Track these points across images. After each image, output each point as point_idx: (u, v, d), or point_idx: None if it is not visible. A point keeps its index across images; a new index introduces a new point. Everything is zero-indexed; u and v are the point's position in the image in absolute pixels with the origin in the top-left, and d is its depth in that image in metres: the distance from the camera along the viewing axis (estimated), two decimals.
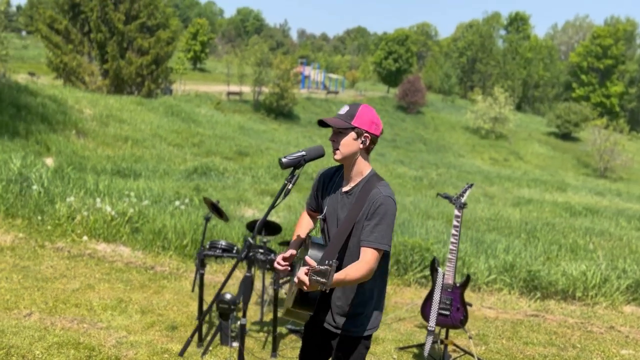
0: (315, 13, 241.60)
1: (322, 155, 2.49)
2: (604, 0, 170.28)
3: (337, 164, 2.53)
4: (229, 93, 41.56)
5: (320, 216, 2.61)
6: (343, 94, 52.40)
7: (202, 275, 4.23)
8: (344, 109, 2.45)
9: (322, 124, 2.43)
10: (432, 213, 12.97)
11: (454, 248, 3.93)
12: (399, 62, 60.68)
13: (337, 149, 2.43)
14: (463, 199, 3.96)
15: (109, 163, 16.47)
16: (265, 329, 4.69)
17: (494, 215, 13.68)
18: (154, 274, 5.96)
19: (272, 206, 2.45)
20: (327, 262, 2.03)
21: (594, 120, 53.54)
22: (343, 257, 2.42)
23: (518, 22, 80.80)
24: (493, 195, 19.72)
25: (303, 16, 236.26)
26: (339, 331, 2.46)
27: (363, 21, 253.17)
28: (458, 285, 4.06)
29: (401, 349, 4.47)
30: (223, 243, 4.19)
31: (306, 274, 2.03)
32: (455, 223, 3.91)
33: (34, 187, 7.58)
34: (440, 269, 3.98)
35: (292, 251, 2.54)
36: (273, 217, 8.72)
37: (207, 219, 4.27)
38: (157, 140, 21.98)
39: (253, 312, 5.01)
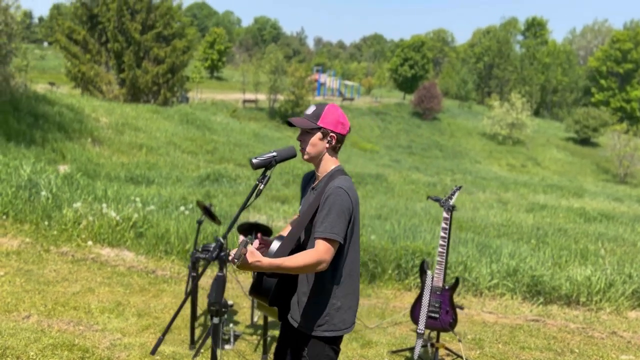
0: (331, 21, 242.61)
1: (293, 155, 2.52)
2: (623, 4, 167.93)
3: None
4: (244, 101, 41.90)
5: (296, 216, 2.66)
6: (359, 101, 52.45)
7: (194, 278, 4.28)
8: (311, 109, 2.50)
9: (290, 124, 2.47)
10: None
11: (443, 250, 3.91)
12: (414, 69, 60.55)
13: (305, 149, 2.48)
14: (451, 201, 3.95)
15: (123, 170, 16.72)
16: (259, 331, 4.72)
17: (505, 220, 13.55)
18: (155, 277, 6.04)
19: (243, 207, 2.48)
20: (241, 240, 2.11)
21: (613, 125, 52.72)
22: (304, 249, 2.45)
23: (535, 27, 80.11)
24: (507, 201, 19.51)
25: (320, 24, 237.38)
26: (297, 326, 2.48)
27: (380, 28, 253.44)
28: (447, 288, 4.04)
29: (393, 352, 4.46)
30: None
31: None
32: (443, 225, 3.89)
33: (43, 193, 7.73)
34: (429, 272, 3.96)
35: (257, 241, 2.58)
36: (281, 223, 8.76)
37: (200, 223, 4.32)
38: (171, 148, 22.24)
39: (245, 314, 5.05)
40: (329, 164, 2.50)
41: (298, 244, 2.52)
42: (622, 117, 64.75)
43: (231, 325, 4.34)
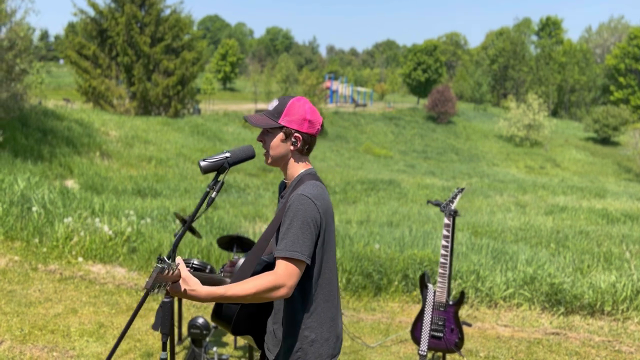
0: (343, 29, 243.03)
1: (250, 156, 2.13)
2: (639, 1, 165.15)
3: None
4: (256, 111, 41.79)
5: None
6: (372, 107, 52.04)
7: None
8: (273, 104, 2.08)
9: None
10: (457, 224, 12.40)
11: (445, 261, 3.48)
12: (428, 73, 60.02)
13: (266, 151, 2.08)
14: (453, 206, 3.52)
15: (131, 183, 16.51)
16: (247, 354, 4.32)
17: (523, 224, 12.99)
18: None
19: (193, 218, 2.10)
20: (155, 267, 1.72)
21: (634, 123, 51.49)
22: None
23: (550, 26, 79.06)
24: (525, 204, 18.89)
25: (332, 32, 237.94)
26: (272, 359, 2.07)
27: (392, 34, 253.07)
28: (452, 303, 3.60)
29: None
30: (195, 262, 3.86)
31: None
32: (445, 233, 3.46)
33: (34, 208, 7.46)
34: (430, 285, 3.53)
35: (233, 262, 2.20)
36: None
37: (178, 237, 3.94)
38: (180, 160, 22.05)
39: (228, 337, 4.65)
40: (296, 168, 2.08)
41: (266, 264, 2.12)
42: None
43: (215, 348, 3.95)
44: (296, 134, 2.03)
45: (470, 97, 65.59)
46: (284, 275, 1.86)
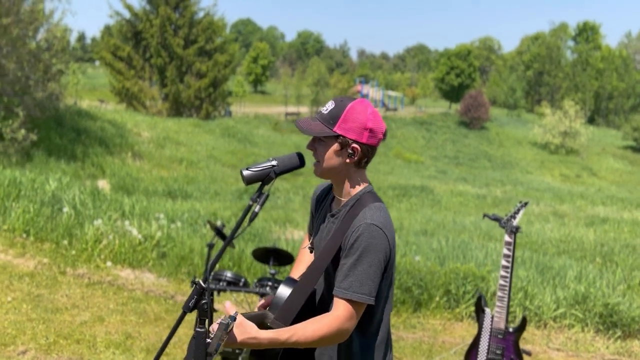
0: (374, 33, 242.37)
1: (299, 166, 1.84)
2: None
3: None
4: (286, 114, 41.74)
5: (308, 245, 1.98)
6: (402, 111, 51.50)
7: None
8: (328, 106, 1.78)
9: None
10: (494, 234, 11.93)
11: (505, 284, 3.13)
12: (461, 77, 59.12)
13: (318, 161, 1.79)
14: (515, 222, 3.16)
15: (161, 184, 16.49)
16: None
17: (564, 236, 12.43)
18: (174, 304, 5.46)
19: (233, 235, 1.81)
20: (228, 316, 1.52)
21: None
22: (322, 304, 1.77)
23: (587, 32, 77.08)
24: (564, 214, 18.20)
25: (363, 36, 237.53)
26: None
27: (423, 38, 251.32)
28: (512, 330, 3.24)
29: None
30: (229, 274, 3.60)
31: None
32: (505, 252, 3.11)
33: (65, 209, 7.34)
34: (488, 310, 3.18)
35: (268, 299, 1.92)
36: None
37: (211, 246, 3.69)
38: (211, 162, 22.02)
39: None
40: (352, 184, 1.78)
41: (313, 295, 1.84)
42: None
43: None
44: (354, 145, 1.72)
45: (503, 103, 64.35)
46: (345, 318, 1.60)
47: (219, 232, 3.64)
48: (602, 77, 68.70)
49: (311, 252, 1.97)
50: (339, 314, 1.60)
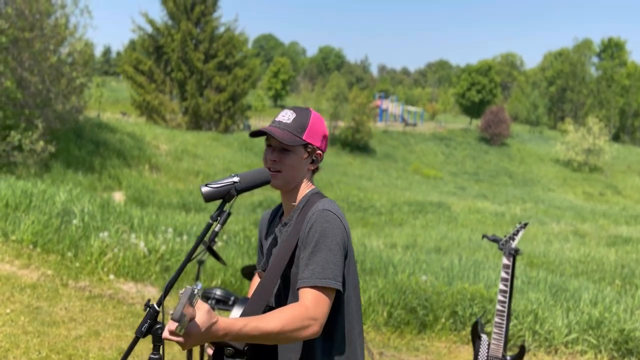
0: (395, 48, 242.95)
1: (266, 181, 1.74)
2: None
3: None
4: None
5: (260, 268, 1.89)
6: (422, 127, 51.22)
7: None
8: (288, 115, 1.75)
9: (257, 134, 1.73)
10: None
11: (503, 309, 2.97)
12: (482, 93, 58.70)
13: (279, 171, 1.72)
14: (514, 243, 3.01)
15: (177, 197, 16.56)
16: None
17: (583, 256, 12.09)
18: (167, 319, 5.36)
19: (189, 258, 1.71)
20: (183, 291, 1.37)
21: None
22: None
23: (612, 48, 76.05)
24: (585, 233, 17.76)
25: (383, 52, 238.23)
26: None
27: (444, 54, 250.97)
28: (509, 358, 3.07)
29: None
30: (218, 292, 3.50)
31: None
32: (503, 275, 2.96)
33: (74, 221, 7.35)
34: (484, 336, 3.02)
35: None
36: None
37: (201, 263, 3.60)
38: (227, 175, 22.08)
39: None
40: (305, 189, 1.77)
41: (269, 308, 1.73)
42: None
43: None
44: (318, 152, 1.77)
45: (525, 119, 63.63)
46: (314, 307, 1.49)
47: (209, 248, 3.54)
48: (627, 93, 67.56)
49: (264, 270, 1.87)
50: (305, 303, 1.49)
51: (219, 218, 1.71)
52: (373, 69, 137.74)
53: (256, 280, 2.00)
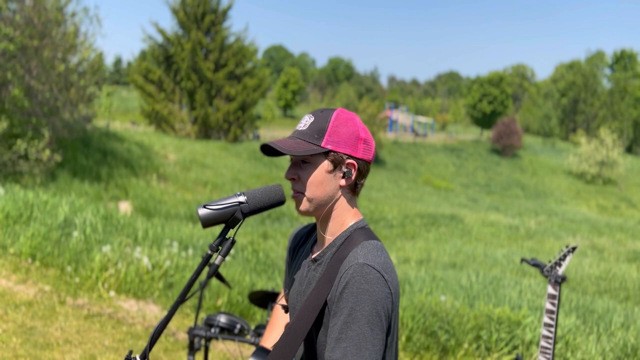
0: (405, 59, 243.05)
1: (278, 202, 1.40)
2: None
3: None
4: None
5: (281, 302, 1.54)
6: (432, 137, 50.78)
7: None
8: (305, 121, 1.37)
9: (268, 151, 1.38)
10: (528, 269, 11.20)
11: (549, 345, 2.58)
12: (493, 104, 58.24)
13: (301, 192, 1.35)
14: (561, 270, 2.63)
15: (184, 207, 16.25)
16: None
17: (604, 272, 11.61)
18: (174, 342, 5.01)
19: (182, 299, 1.37)
20: None
21: None
22: None
23: (625, 60, 75.37)
24: (602, 248, 17.24)
25: (393, 63, 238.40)
26: None
27: (455, 65, 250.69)
28: None
29: None
30: (222, 319, 3.13)
31: None
32: (548, 306, 2.58)
33: (75, 234, 7.03)
34: None
35: None
36: None
37: (203, 286, 3.25)
38: (236, 185, 21.79)
39: None
40: (343, 217, 1.37)
41: None
42: None
43: None
44: (349, 161, 1.33)
45: (537, 131, 63.02)
46: None
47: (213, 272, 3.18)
48: None
49: (286, 311, 1.51)
50: None
51: (220, 248, 1.36)
52: (382, 80, 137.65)
53: (278, 313, 1.64)
